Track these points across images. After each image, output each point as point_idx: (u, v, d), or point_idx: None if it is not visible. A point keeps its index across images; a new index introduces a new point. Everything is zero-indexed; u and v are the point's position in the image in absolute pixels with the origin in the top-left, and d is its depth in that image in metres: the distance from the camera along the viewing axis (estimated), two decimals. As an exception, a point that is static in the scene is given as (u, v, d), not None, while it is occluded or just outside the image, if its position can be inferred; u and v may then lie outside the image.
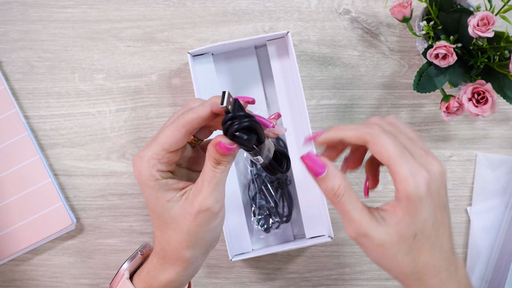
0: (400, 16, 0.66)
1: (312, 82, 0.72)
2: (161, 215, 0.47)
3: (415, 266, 0.44)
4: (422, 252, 0.44)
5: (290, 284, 0.71)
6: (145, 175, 0.46)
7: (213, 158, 0.45)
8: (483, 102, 0.63)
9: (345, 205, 0.43)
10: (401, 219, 0.43)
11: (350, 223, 0.43)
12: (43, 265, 0.70)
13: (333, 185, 0.43)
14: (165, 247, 0.48)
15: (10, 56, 0.73)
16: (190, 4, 0.73)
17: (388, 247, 0.43)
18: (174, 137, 0.46)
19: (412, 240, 0.43)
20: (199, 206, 0.45)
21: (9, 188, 0.69)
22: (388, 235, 0.43)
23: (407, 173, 0.42)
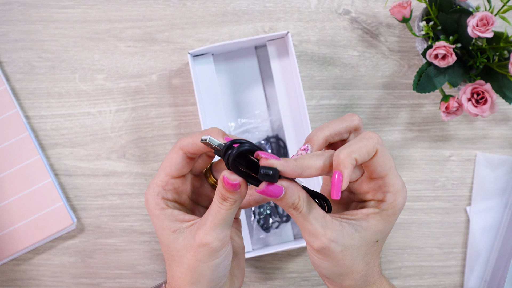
0: (400, 17, 0.66)
1: (312, 82, 0.72)
2: (168, 246, 0.46)
3: (367, 268, 0.46)
4: (375, 255, 0.46)
5: (290, 284, 0.71)
6: (151, 204, 0.46)
7: (220, 193, 0.43)
8: (482, 102, 0.63)
9: (307, 215, 0.43)
10: (374, 225, 0.45)
11: (313, 234, 0.43)
12: (44, 265, 0.70)
13: (293, 201, 0.42)
14: (171, 282, 0.46)
15: (10, 56, 0.73)
16: (190, 5, 0.73)
17: (349, 252, 0.44)
18: (173, 160, 0.45)
19: (372, 244, 0.45)
20: (199, 239, 0.43)
21: (10, 188, 0.69)
22: (351, 240, 0.44)
23: (401, 185, 0.45)
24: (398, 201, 0.45)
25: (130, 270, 0.71)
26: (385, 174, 0.44)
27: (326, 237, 0.43)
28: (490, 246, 0.70)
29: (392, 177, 0.44)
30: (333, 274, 0.45)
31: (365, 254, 0.45)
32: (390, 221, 0.45)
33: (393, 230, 0.71)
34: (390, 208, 0.45)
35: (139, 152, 0.71)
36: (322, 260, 0.45)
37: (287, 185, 0.42)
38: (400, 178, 0.45)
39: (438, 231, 0.71)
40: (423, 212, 0.71)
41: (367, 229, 0.44)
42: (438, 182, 0.72)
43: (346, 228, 0.44)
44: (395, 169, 0.45)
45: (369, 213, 0.45)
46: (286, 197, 0.42)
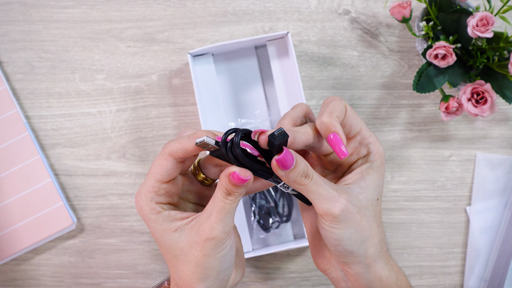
0: (400, 17, 0.66)
1: (312, 82, 0.72)
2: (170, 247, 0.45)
3: (380, 232, 0.46)
4: (380, 216, 0.47)
5: (290, 284, 0.71)
6: (146, 210, 0.45)
7: (225, 188, 0.43)
8: (482, 102, 0.63)
9: (319, 181, 0.44)
10: (371, 182, 0.46)
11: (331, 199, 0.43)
12: (44, 265, 0.70)
13: (303, 168, 0.43)
14: (178, 282, 0.46)
15: (11, 56, 0.73)
16: (190, 5, 0.73)
17: (364, 213, 0.44)
18: (164, 167, 0.45)
19: (375, 203, 0.46)
20: (205, 235, 0.43)
21: (10, 188, 0.69)
22: (360, 201, 0.45)
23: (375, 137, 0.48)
24: (381, 149, 0.47)
25: (130, 270, 0.71)
26: (360, 127, 0.46)
27: (343, 197, 0.43)
28: (490, 246, 0.70)
29: (367, 130, 0.47)
30: (357, 243, 0.45)
31: (374, 215, 0.46)
32: (381, 172, 0.46)
33: (393, 230, 0.71)
34: (378, 158, 0.46)
35: (139, 152, 0.71)
36: (344, 229, 0.44)
37: (295, 155, 0.43)
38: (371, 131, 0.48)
39: (438, 231, 0.71)
40: (423, 212, 0.71)
41: (367, 188, 0.45)
42: (438, 182, 0.72)
43: (352, 190, 0.45)
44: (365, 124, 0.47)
45: (362, 170, 0.46)
46: (298, 164, 0.43)
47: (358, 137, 0.47)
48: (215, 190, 0.44)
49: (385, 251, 0.47)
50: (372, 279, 0.47)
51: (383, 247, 0.47)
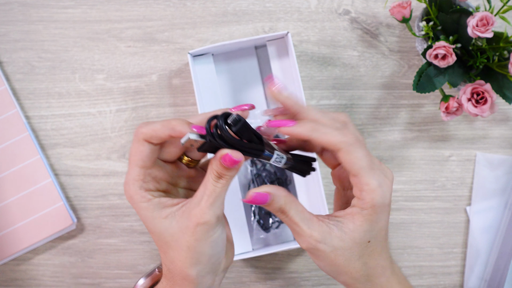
0: (400, 17, 0.66)
1: (312, 82, 0.72)
2: (161, 234, 0.45)
3: (366, 269, 0.46)
4: (373, 255, 0.46)
5: (290, 284, 0.71)
6: (136, 198, 0.45)
7: (216, 172, 0.43)
8: (482, 102, 0.63)
9: (294, 218, 0.44)
10: (359, 226, 0.44)
11: (300, 235, 0.45)
12: (44, 265, 0.70)
13: (279, 206, 0.44)
14: (170, 267, 0.46)
15: (11, 56, 0.73)
16: (190, 5, 0.73)
17: (341, 253, 0.45)
18: (143, 153, 0.45)
19: (365, 245, 0.45)
20: (196, 219, 0.44)
21: (10, 188, 0.69)
22: (341, 241, 0.44)
23: (376, 184, 0.44)
24: (375, 200, 0.44)
25: (130, 270, 0.71)
26: (356, 174, 0.44)
27: (312, 238, 0.44)
28: (490, 246, 0.70)
29: (365, 177, 0.43)
30: (332, 273, 0.46)
31: (360, 255, 0.45)
32: (375, 220, 0.44)
33: (393, 230, 0.71)
34: (369, 208, 0.44)
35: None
36: (317, 259, 0.46)
37: (273, 191, 0.44)
38: (377, 176, 0.44)
39: (438, 231, 0.71)
40: (423, 212, 0.71)
41: (354, 231, 0.44)
42: (438, 182, 0.72)
43: (334, 230, 0.45)
44: (370, 168, 0.44)
45: (354, 212, 0.45)
46: (273, 202, 0.44)
47: (355, 179, 0.44)
48: (206, 175, 0.44)
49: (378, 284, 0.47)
50: None
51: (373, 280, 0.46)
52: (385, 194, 0.44)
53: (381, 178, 0.44)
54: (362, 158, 0.44)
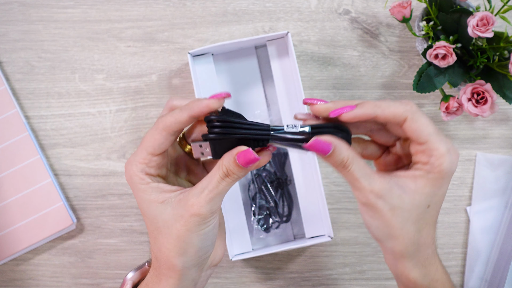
0: (400, 17, 0.66)
1: (312, 82, 0.72)
2: (154, 218, 0.45)
3: (419, 236, 0.45)
4: (428, 223, 0.45)
5: (290, 284, 0.71)
6: (135, 180, 0.46)
7: (226, 169, 0.44)
8: (482, 102, 0.63)
9: (355, 173, 0.44)
10: (421, 188, 0.44)
11: (360, 190, 0.44)
12: (44, 265, 0.70)
13: (342, 159, 0.44)
14: (158, 255, 0.46)
15: (10, 56, 0.73)
16: (190, 4, 0.73)
17: (399, 213, 0.44)
18: (156, 141, 0.45)
19: (424, 210, 0.45)
20: (192, 210, 0.44)
21: (10, 188, 0.69)
22: (401, 201, 0.44)
23: (445, 149, 0.44)
24: (444, 165, 0.44)
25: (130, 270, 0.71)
26: (425, 140, 0.44)
27: (373, 193, 0.43)
28: (490, 246, 0.70)
29: (434, 142, 0.44)
30: (383, 235, 0.45)
31: (417, 219, 0.44)
32: (439, 185, 0.44)
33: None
34: (436, 172, 0.44)
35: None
36: (372, 217, 0.45)
37: (336, 143, 0.43)
38: (445, 142, 0.44)
39: (438, 231, 0.71)
40: (423, 212, 0.71)
41: (415, 191, 0.44)
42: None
43: (394, 188, 0.44)
44: (437, 133, 0.44)
45: (416, 175, 0.44)
46: (335, 154, 0.43)
47: (423, 146, 0.44)
48: (213, 169, 0.44)
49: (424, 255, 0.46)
50: (399, 273, 0.47)
51: (421, 251, 0.46)
52: (453, 161, 0.44)
53: (450, 145, 0.44)
54: (429, 124, 0.44)
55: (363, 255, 0.71)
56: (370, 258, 0.71)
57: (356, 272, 0.71)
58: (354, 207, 0.71)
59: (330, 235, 0.65)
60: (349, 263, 0.71)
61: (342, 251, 0.71)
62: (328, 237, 0.65)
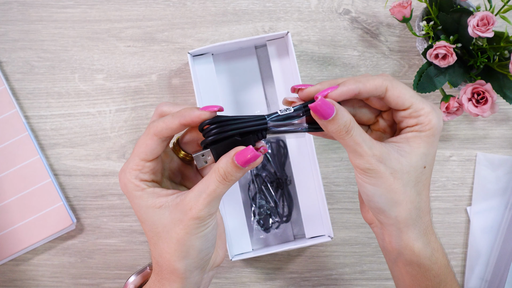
0: (400, 16, 0.66)
1: (312, 82, 0.72)
2: (153, 224, 0.45)
3: (419, 200, 0.46)
4: (425, 185, 0.46)
5: (290, 284, 0.71)
6: (130, 187, 0.46)
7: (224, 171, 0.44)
8: (483, 102, 0.63)
9: (356, 138, 0.44)
10: (416, 148, 0.45)
11: (362, 155, 0.44)
12: (43, 265, 0.70)
13: (345, 122, 0.44)
14: (159, 261, 0.46)
15: (10, 56, 0.73)
16: (190, 4, 0.73)
17: (399, 176, 0.45)
18: (148, 147, 0.45)
19: (421, 170, 0.45)
20: (191, 214, 0.44)
21: (9, 188, 0.69)
22: (399, 164, 0.45)
23: (430, 107, 0.46)
24: (433, 121, 0.45)
25: (129, 270, 0.71)
26: (409, 104, 0.45)
27: (374, 157, 0.44)
28: (491, 246, 0.70)
29: (418, 103, 0.45)
30: (387, 203, 0.45)
31: (416, 181, 0.45)
32: (431, 142, 0.45)
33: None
34: (427, 129, 0.45)
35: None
36: (374, 184, 0.45)
37: (338, 106, 0.44)
38: (426, 102, 0.46)
39: (438, 231, 0.71)
40: (423, 212, 0.71)
41: (411, 153, 0.45)
42: (439, 182, 0.71)
43: (391, 152, 0.45)
44: (418, 96, 0.46)
45: (409, 137, 0.45)
46: (338, 117, 0.44)
47: (408, 110, 0.46)
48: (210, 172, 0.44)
49: (425, 223, 0.46)
50: (403, 246, 0.47)
51: (422, 217, 0.46)
52: (440, 116, 0.46)
53: (432, 105, 0.46)
54: (408, 89, 0.46)
55: (363, 255, 0.71)
56: (370, 258, 0.71)
57: (356, 272, 0.71)
58: (354, 207, 0.71)
59: (330, 235, 0.65)
60: (349, 263, 0.71)
61: (342, 251, 0.71)
62: (328, 237, 0.65)
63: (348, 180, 0.71)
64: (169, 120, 0.45)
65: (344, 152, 0.71)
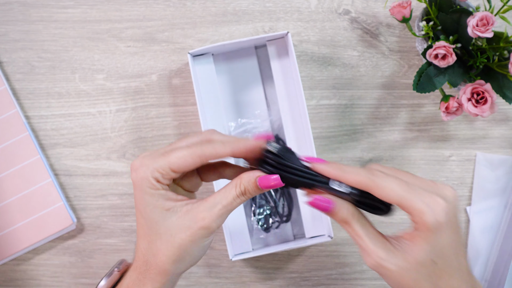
0: (400, 17, 0.66)
1: (312, 82, 0.72)
2: (156, 224, 0.46)
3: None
4: (443, 276, 0.44)
5: (290, 284, 0.71)
6: (146, 184, 0.46)
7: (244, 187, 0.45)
8: (482, 102, 0.63)
9: (358, 230, 0.44)
10: (418, 246, 0.43)
11: (366, 251, 0.44)
12: (44, 265, 0.70)
13: (343, 214, 0.45)
14: (150, 260, 0.47)
15: (10, 56, 0.73)
16: (190, 4, 0.73)
17: (407, 274, 0.44)
18: (186, 163, 0.46)
19: (431, 266, 0.44)
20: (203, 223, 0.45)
21: (10, 188, 0.69)
22: (405, 261, 0.43)
23: (422, 205, 0.43)
24: (428, 221, 0.42)
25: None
26: (398, 203, 0.43)
27: (378, 255, 0.43)
28: (490, 246, 0.70)
29: (408, 202, 0.43)
30: None
31: (428, 276, 0.44)
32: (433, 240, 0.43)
33: (393, 230, 0.71)
34: (424, 230, 0.43)
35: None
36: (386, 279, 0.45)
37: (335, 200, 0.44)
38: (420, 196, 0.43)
39: (438, 231, 0.71)
40: (423, 212, 0.71)
41: (414, 250, 0.43)
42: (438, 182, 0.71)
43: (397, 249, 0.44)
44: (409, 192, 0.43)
45: (412, 234, 0.44)
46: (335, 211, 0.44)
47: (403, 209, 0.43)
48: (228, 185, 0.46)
49: None
50: None
51: None
52: (437, 214, 0.42)
53: (428, 197, 0.43)
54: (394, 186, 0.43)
55: (363, 255, 0.71)
56: (370, 258, 0.71)
57: (356, 272, 0.71)
58: (354, 207, 0.71)
59: (330, 235, 0.65)
60: (349, 263, 0.71)
61: (342, 251, 0.71)
62: (328, 237, 0.65)
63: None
64: (220, 147, 0.46)
65: (344, 152, 0.71)
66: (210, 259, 0.71)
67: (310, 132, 0.65)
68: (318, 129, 0.71)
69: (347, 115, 0.72)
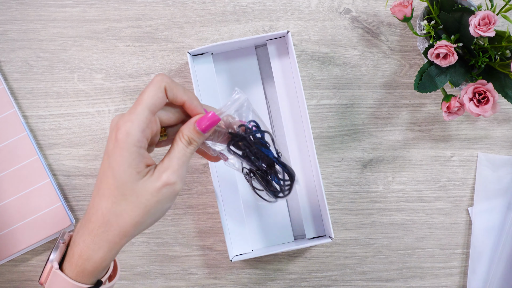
0: (401, 16, 0.66)
1: (312, 82, 0.72)
2: (124, 184, 0.46)
3: None
4: None
5: (290, 285, 0.70)
6: (132, 139, 0.45)
7: (188, 137, 0.48)
8: (484, 102, 0.62)
9: None
10: None
11: None
12: (42, 266, 0.70)
13: None
14: (111, 220, 0.46)
15: (8, 55, 0.72)
16: (189, 4, 0.73)
17: None
18: (158, 98, 0.47)
19: None
20: (166, 179, 0.46)
21: (8, 188, 0.69)
22: None
23: None
24: None
25: (129, 271, 0.70)
26: None
27: None
28: (493, 247, 0.69)
29: None
30: None
31: None
32: None
33: (394, 231, 0.71)
34: None
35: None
36: None
37: None
38: None
39: (439, 232, 0.71)
40: (424, 213, 0.71)
41: None
42: (440, 182, 0.71)
43: None
44: None
45: None
46: None
47: None
48: (175, 141, 0.48)
49: None
50: None
51: None
52: None
53: None
54: None
55: (364, 256, 0.70)
56: (370, 259, 0.71)
57: (356, 273, 0.70)
58: (354, 207, 0.71)
59: (330, 236, 0.65)
60: (349, 264, 0.70)
61: (342, 252, 0.71)
62: (329, 238, 0.65)
63: (348, 180, 0.71)
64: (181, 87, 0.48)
65: (345, 152, 0.71)
66: (210, 260, 0.70)
67: (310, 132, 0.65)
68: (318, 129, 0.71)
69: (348, 115, 0.71)
